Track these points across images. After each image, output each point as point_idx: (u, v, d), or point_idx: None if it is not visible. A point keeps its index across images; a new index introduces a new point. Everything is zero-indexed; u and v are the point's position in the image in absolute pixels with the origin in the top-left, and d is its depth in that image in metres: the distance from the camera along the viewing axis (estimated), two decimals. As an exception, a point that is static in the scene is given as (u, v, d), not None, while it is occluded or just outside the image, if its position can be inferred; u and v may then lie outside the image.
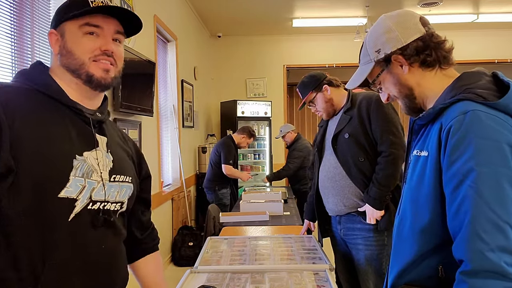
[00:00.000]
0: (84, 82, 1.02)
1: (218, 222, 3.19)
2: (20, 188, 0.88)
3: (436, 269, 0.98)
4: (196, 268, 1.85)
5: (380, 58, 1.12)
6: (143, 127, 3.47)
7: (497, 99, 0.93)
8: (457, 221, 0.90)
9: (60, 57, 1.02)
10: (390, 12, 1.15)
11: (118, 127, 1.27)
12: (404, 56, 1.08)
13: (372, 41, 1.14)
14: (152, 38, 3.85)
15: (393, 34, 1.09)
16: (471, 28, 6.70)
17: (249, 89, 7.10)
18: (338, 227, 2.21)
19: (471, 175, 0.88)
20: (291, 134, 4.95)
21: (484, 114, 0.91)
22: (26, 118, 0.92)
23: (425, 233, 1.00)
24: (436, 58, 1.08)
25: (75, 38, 1.01)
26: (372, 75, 1.16)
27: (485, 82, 0.99)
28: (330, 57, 6.89)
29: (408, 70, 1.09)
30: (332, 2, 5.44)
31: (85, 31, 1.01)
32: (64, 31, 1.02)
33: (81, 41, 1.01)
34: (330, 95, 2.22)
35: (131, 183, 1.13)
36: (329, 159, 2.19)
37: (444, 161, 0.94)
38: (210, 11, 5.75)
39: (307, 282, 1.66)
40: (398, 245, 1.10)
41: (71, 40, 1.01)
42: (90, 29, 1.01)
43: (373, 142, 2.08)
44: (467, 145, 0.90)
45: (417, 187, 1.02)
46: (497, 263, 0.83)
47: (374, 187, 2.02)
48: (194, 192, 5.61)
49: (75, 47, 1.01)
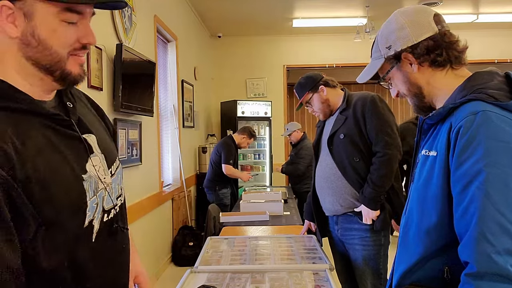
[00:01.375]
0: (55, 80, 0.82)
1: (218, 222, 3.19)
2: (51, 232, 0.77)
3: (442, 270, 0.98)
4: (196, 268, 1.85)
5: (390, 55, 1.10)
6: (143, 127, 3.48)
7: (508, 100, 0.92)
8: (464, 222, 0.89)
9: (23, 46, 0.77)
10: (405, 7, 1.13)
11: (78, 90, 1.02)
12: (414, 54, 1.07)
13: (383, 37, 1.12)
14: (152, 38, 3.86)
15: (405, 32, 1.07)
16: (471, 28, 6.70)
17: (249, 89, 7.10)
18: (336, 227, 2.22)
19: (480, 177, 0.87)
20: (297, 133, 4.94)
21: (495, 115, 0.90)
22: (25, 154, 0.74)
23: (431, 234, 0.99)
24: (447, 57, 1.06)
25: (52, 25, 0.77)
26: (382, 71, 1.15)
27: (497, 82, 0.98)
28: (330, 57, 6.89)
29: (417, 69, 1.08)
30: (332, 2, 5.44)
31: (64, 18, 0.78)
32: (34, 12, 0.76)
33: (59, 30, 0.78)
34: (327, 96, 2.22)
35: (119, 161, 1.02)
36: (325, 160, 2.19)
37: (453, 162, 0.93)
38: (210, 11, 5.75)
39: (307, 282, 1.66)
40: (404, 245, 1.09)
41: (46, 28, 0.77)
42: (71, 17, 0.79)
43: (368, 142, 2.08)
44: (476, 146, 0.89)
45: (425, 187, 1.01)
46: (503, 266, 0.82)
47: (368, 188, 2.02)
48: (195, 192, 5.61)
49: (51, 38, 0.78)
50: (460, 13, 6.00)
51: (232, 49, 7.06)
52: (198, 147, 5.79)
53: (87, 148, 0.88)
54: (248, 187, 5.15)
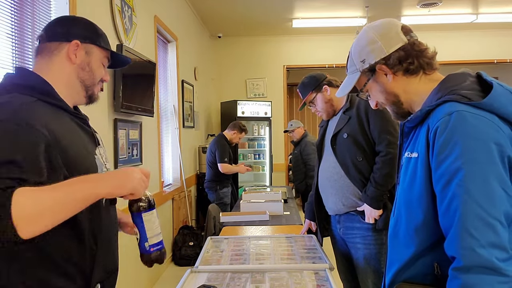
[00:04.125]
0: (85, 96, 1.22)
1: (219, 222, 3.20)
2: None
3: (432, 266, 1.01)
4: (197, 267, 1.86)
5: (365, 68, 1.16)
6: (143, 127, 3.48)
7: (481, 99, 0.96)
8: (448, 219, 0.93)
9: (79, 69, 1.19)
10: (373, 22, 1.19)
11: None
12: (387, 65, 1.12)
13: (357, 52, 1.18)
14: (152, 39, 3.86)
15: (376, 45, 1.13)
16: (470, 29, 6.71)
17: (249, 89, 7.11)
18: (338, 226, 2.22)
19: (459, 174, 0.91)
20: (300, 130, 5.02)
21: (469, 114, 0.94)
22: (59, 133, 1.04)
23: (419, 232, 1.02)
24: (419, 65, 1.11)
25: (99, 63, 1.23)
26: (359, 84, 1.21)
27: (470, 83, 1.02)
28: (330, 57, 6.89)
29: (392, 79, 1.13)
30: (332, 2, 5.45)
31: (103, 62, 1.25)
32: (92, 52, 1.21)
33: (100, 66, 1.23)
34: (330, 96, 2.23)
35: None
36: (328, 159, 2.20)
37: (433, 161, 0.97)
38: (210, 12, 5.76)
39: (307, 281, 1.67)
40: (394, 245, 1.12)
41: (96, 64, 1.22)
42: (105, 62, 1.26)
43: (371, 142, 2.09)
44: (453, 145, 0.93)
45: (410, 187, 1.05)
46: (488, 258, 0.86)
47: (371, 187, 2.03)
48: (195, 192, 5.62)
49: (96, 69, 1.22)
50: (460, 13, 6.01)
51: (232, 49, 7.07)
52: (198, 147, 5.80)
53: (96, 141, 1.23)
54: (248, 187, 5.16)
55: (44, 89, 1.10)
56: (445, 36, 6.77)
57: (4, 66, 1.90)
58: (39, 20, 2.14)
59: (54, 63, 1.15)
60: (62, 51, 1.16)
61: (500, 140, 0.91)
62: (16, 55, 1.96)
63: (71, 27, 1.18)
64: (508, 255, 0.87)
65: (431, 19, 6.05)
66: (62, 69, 1.16)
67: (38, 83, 1.10)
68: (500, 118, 0.94)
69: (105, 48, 1.23)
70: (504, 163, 0.90)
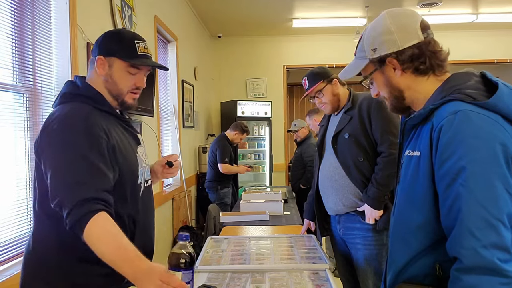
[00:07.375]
0: (118, 104, 1.38)
1: (219, 222, 3.20)
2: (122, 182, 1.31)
3: (433, 267, 1.00)
4: (197, 267, 1.85)
5: (375, 58, 1.12)
6: (143, 127, 3.48)
7: (486, 98, 0.95)
8: (450, 219, 0.92)
9: (105, 81, 1.35)
10: (394, 9, 1.14)
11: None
12: (398, 60, 1.09)
13: (370, 38, 1.14)
14: (152, 39, 3.86)
15: (391, 37, 1.09)
16: (470, 29, 6.71)
17: (249, 89, 7.11)
18: (338, 226, 2.22)
19: (463, 174, 0.90)
20: (305, 130, 4.95)
21: (474, 114, 0.93)
22: (113, 135, 1.29)
23: (421, 232, 1.01)
24: (430, 66, 1.09)
25: (121, 74, 1.34)
26: (365, 72, 1.17)
27: (474, 82, 1.00)
28: (330, 57, 6.89)
29: (400, 74, 1.11)
30: (332, 2, 5.45)
31: (128, 71, 1.34)
32: (113, 64, 1.33)
33: (124, 77, 1.35)
34: (338, 90, 2.22)
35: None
36: (329, 159, 2.20)
37: (436, 160, 0.96)
38: (210, 12, 5.76)
39: (307, 281, 1.67)
40: (395, 245, 1.11)
41: (117, 75, 1.34)
42: (132, 70, 1.35)
43: (373, 142, 2.09)
44: (457, 144, 0.92)
45: (411, 186, 1.04)
46: (490, 259, 0.85)
47: (373, 187, 2.03)
48: (195, 192, 5.62)
49: (119, 81, 1.34)
50: (460, 13, 6.00)
51: (232, 49, 7.07)
52: (198, 147, 5.80)
53: (138, 141, 1.45)
54: (248, 187, 5.16)
55: (98, 98, 1.32)
56: (445, 36, 6.69)
57: (4, 66, 1.90)
58: (39, 20, 2.14)
59: (93, 75, 1.36)
60: (94, 65, 1.35)
61: (505, 141, 0.91)
62: (16, 55, 1.96)
63: (102, 42, 1.35)
64: (510, 256, 0.86)
65: (431, 19, 5.95)
66: (97, 80, 1.35)
67: (93, 94, 1.32)
68: (504, 118, 0.94)
69: (125, 59, 1.32)
70: (508, 163, 0.90)
